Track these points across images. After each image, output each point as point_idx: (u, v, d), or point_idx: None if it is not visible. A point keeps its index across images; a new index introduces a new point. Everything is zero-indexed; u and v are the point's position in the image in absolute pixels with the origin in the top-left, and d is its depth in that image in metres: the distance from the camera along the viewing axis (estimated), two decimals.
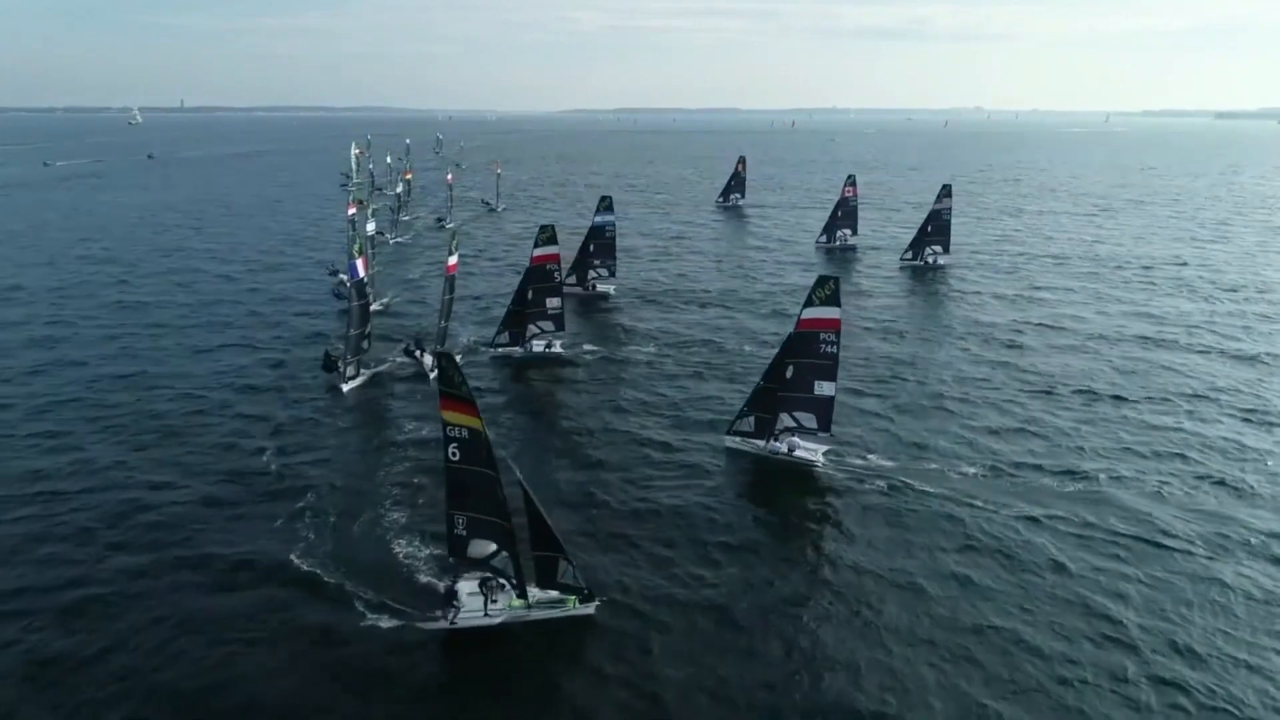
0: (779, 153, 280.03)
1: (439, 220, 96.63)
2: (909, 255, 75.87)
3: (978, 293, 65.20)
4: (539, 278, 46.42)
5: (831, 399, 33.48)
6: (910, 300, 64.25)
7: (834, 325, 32.70)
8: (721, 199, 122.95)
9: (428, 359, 44.44)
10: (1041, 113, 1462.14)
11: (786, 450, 34.01)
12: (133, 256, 77.59)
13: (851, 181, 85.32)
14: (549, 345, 47.53)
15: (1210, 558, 27.32)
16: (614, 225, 62.01)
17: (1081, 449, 35.55)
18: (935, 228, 74.81)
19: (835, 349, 32.91)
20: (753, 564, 27.00)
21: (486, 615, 23.08)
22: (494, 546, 23.65)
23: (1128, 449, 35.67)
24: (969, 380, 44.50)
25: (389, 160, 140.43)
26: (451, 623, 22.63)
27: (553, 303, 46.97)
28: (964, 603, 24.80)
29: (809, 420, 33.83)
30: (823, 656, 22.44)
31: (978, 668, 22.04)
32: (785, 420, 34.23)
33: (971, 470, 33.29)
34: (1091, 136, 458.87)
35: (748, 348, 49.46)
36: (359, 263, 40.77)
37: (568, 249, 54.14)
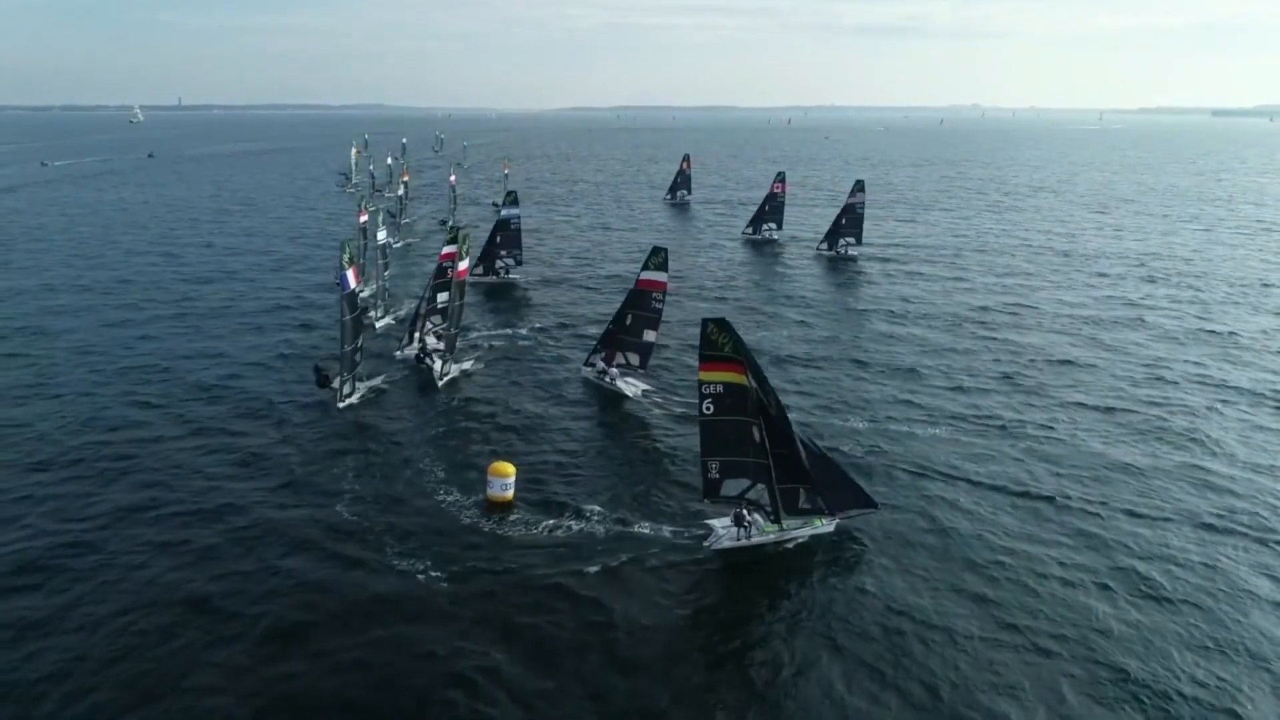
0: (777, 151, 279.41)
1: (441, 222, 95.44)
2: (824, 246, 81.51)
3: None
4: (439, 274, 47.79)
5: (652, 344, 42.24)
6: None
7: (662, 286, 41.09)
8: (669, 196, 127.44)
9: (437, 365, 43.90)
10: (1039, 110, 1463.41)
11: (609, 380, 42.12)
12: (124, 260, 76.48)
13: (780, 178, 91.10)
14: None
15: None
16: (519, 218, 68.18)
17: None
18: (849, 220, 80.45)
19: (661, 305, 41.36)
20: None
21: (748, 538, 27.54)
22: (748, 483, 27.97)
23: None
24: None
25: (389, 161, 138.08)
26: (739, 541, 27.51)
27: (442, 297, 48.58)
28: None
29: (635, 359, 42.37)
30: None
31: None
32: (619, 358, 42.78)
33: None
34: (1081, 135, 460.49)
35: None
36: (350, 273, 38.45)
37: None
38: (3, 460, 33.28)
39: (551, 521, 28.93)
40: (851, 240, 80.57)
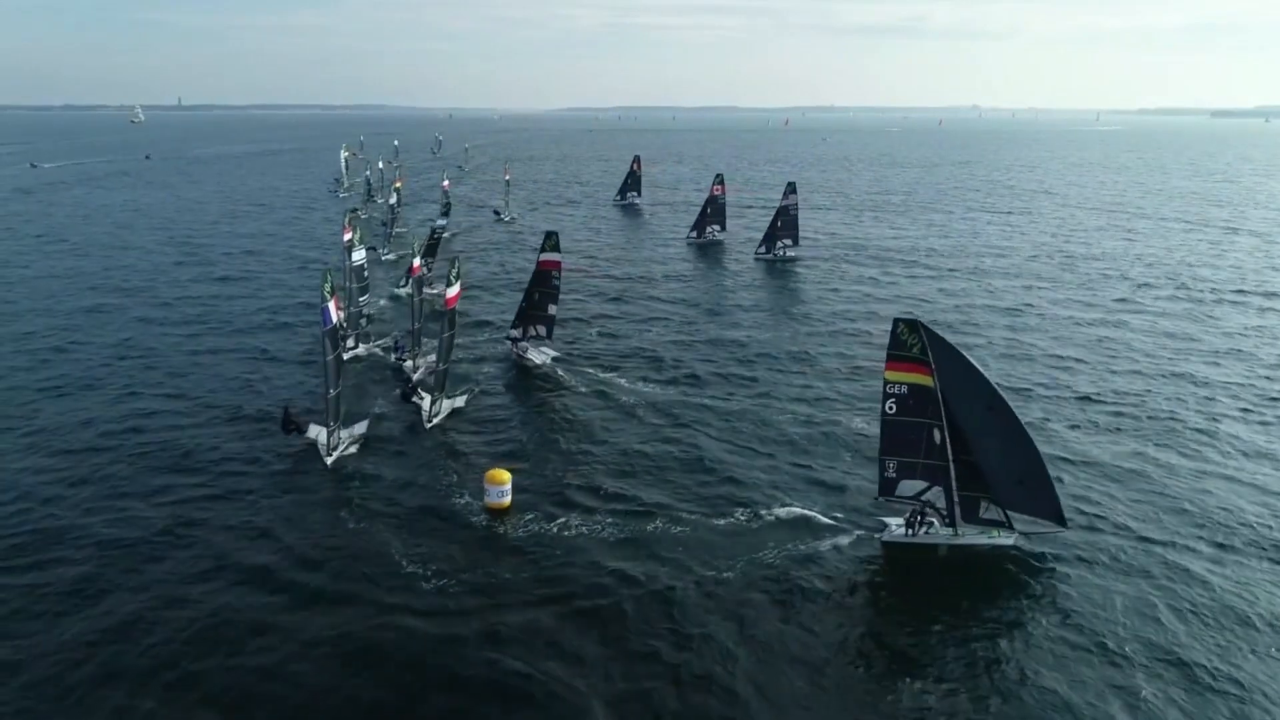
0: (782, 151, 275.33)
1: (433, 231, 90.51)
2: (762, 249, 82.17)
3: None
4: (418, 286, 47.64)
5: (554, 316, 48.39)
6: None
7: (557, 265, 47.55)
8: (619, 197, 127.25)
9: (426, 403, 39.24)
10: (1038, 111, 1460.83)
11: (521, 353, 48.04)
12: (101, 279, 72.02)
13: (719, 180, 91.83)
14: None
15: None
16: (443, 227, 73.82)
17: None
18: (784, 223, 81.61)
19: (558, 282, 47.83)
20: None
21: (918, 537, 27.92)
22: (924, 484, 28.05)
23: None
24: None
25: (381, 165, 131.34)
26: (909, 538, 28.00)
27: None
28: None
29: (542, 330, 48.60)
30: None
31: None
32: (530, 331, 48.67)
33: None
34: (1076, 136, 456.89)
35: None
36: (331, 305, 32.89)
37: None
38: None
39: (560, 521, 29.66)
40: (788, 242, 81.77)
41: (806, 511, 30.10)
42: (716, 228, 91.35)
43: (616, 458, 35.27)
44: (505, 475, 30.72)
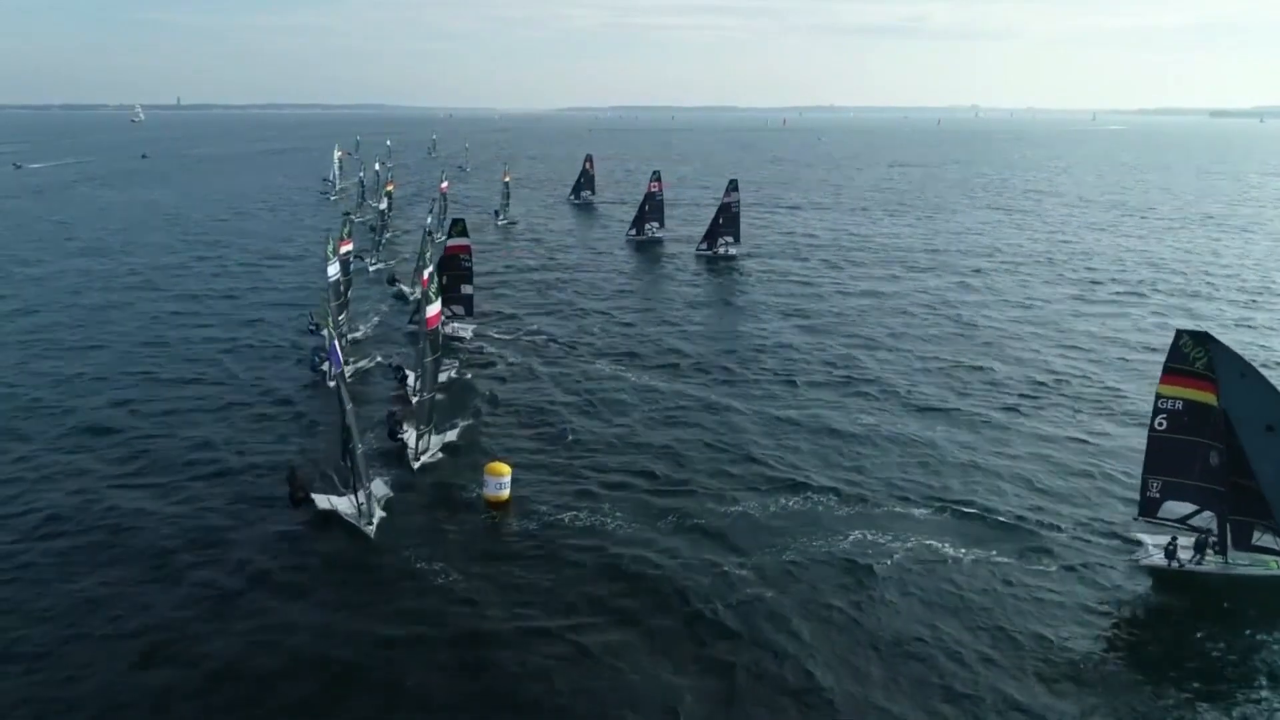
0: (784, 152, 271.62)
1: (428, 234, 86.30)
2: (704, 246, 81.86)
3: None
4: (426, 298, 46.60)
5: (471, 295, 51.21)
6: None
7: (465, 249, 50.02)
8: (573, 195, 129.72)
9: (411, 439, 34.07)
10: (1036, 111, 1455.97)
11: (450, 331, 48.86)
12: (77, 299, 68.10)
13: (656, 177, 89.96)
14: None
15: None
16: (430, 229, 77.48)
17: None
18: (726, 219, 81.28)
19: (470, 264, 50.29)
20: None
21: (1181, 564, 25.97)
22: (1193, 508, 26.43)
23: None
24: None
25: (377, 167, 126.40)
26: (1169, 564, 26.14)
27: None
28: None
29: (460, 310, 50.96)
30: None
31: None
32: (448, 311, 48.62)
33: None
34: (1071, 135, 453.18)
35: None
36: (337, 344, 28.59)
37: None
38: None
39: (569, 512, 29.65)
40: (730, 239, 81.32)
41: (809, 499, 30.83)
42: (655, 225, 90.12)
43: (615, 450, 35.27)
44: (505, 468, 30.36)
